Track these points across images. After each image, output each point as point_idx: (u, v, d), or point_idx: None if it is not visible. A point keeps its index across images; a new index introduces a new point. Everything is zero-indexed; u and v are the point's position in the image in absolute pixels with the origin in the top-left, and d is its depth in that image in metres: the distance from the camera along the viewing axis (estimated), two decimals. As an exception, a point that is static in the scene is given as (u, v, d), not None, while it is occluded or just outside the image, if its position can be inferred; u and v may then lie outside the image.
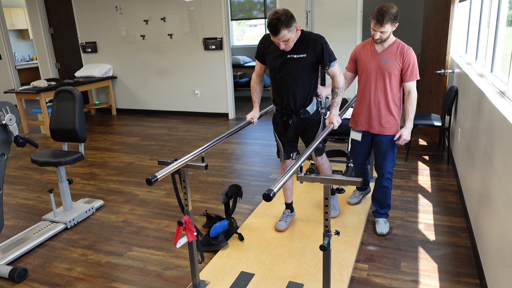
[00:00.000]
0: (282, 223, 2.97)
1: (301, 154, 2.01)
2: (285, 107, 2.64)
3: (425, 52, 5.09)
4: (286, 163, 2.89)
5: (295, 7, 5.81)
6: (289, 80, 2.53)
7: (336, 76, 2.54)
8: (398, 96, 2.70)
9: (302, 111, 2.62)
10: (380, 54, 2.65)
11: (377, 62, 2.65)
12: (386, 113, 2.72)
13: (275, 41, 2.36)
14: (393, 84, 2.65)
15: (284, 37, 2.30)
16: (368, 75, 2.71)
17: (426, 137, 5.10)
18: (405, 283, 2.36)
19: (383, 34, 2.52)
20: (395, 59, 2.60)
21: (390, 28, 2.51)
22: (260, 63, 2.68)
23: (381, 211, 2.95)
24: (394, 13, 2.48)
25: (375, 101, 2.72)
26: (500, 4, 2.76)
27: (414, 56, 2.61)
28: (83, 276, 2.59)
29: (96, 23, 7.25)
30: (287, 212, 3.04)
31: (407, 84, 2.63)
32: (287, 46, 2.39)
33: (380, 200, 2.93)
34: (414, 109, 2.64)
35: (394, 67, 2.61)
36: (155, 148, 5.26)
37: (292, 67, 2.49)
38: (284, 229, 2.95)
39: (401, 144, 2.70)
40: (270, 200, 1.57)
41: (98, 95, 7.88)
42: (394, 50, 2.61)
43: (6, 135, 2.55)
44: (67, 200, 3.32)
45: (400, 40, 2.66)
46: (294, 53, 2.47)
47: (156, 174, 1.87)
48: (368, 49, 2.72)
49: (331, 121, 2.59)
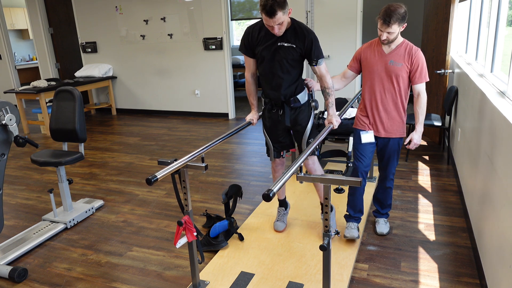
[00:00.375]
0: (280, 223, 2.94)
1: (299, 156, 1.98)
2: (274, 97, 2.56)
3: (425, 52, 5.08)
4: (276, 162, 2.82)
5: (295, 7, 5.82)
6: (279, 68, 2.46)
7: (324, 76, 2.48)
8: (406, 98, 2.63)
9: (292, 99, 2.54)
10: (387, 55, 2.55)
11: (384, 64, 2.55)
12: (394, 116, 2.63)
13: (269, 24, 2.26)
14: (402, 86, 2.57)
15: (279, 19, 2.21)
16: (375, 77, 2.61)
17: (426, 137, 5.10)
18: (405, 283, 2.35)
19: (390, 35, 2.43)
20: (403, 60, 2.51)
21: (398, 28, 2.41)
22: (249, 58, 2.59)
23: (382, 211, 2.92)
24: (402, 13, 2.37)
25: (383, 104, 2.62)
26: (500, 4, 2.76)
27: (423, 58, 2.53)
28: (83, 276, 2.59)
29: (96, 23, 7.25)
30: (281, 210, 2.99)
31: (416, 86, 2.55)
32: (280, 30, 2.31)
33: (382, 200, 2.89)
34: (424, 112, 2.58)
35: (402, 69, 2.52)
36: (155, 148, 5.26)
37: (282, 55, 2.43)
38: (283, 229, 2.92)
39: (411, 149, 2.63)
40: (270, 200, 1.57)
41: (98, 95, 7.88)
42: (402, 51, 2.52)
43: (6, 135, 2.55)
44: (67, 200, 3.32)
45: (408, 40, 2.57)
46: (284, 41, 2.40)
47: (156, 174, 1.87)
48: (374, 50, 2.61)
49: (330, 121, 2.54)
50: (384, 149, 2.73)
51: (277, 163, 2.84)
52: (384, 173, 2.81)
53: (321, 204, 2.83)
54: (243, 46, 2.56)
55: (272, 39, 2.42)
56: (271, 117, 2.65)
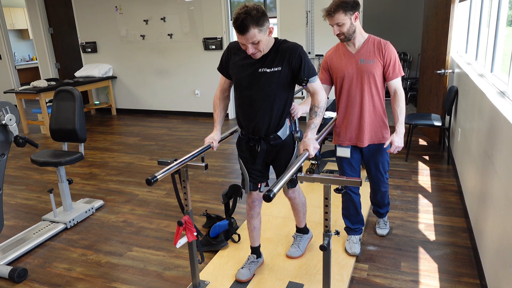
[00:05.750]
0: (245, 271, 2.42)
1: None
2: (252, 131, 2.15)
3: (425, 52, 5.09)
4: (252, 195, 2.34)
5: (295, 7, 5.82)
6: (260, 99, 2.05)
7: (317, 93, 2.07)
8: (383, 98, 2.39)
9: (272, 136, 2.14)
10: (355, 55, 2.31)
11: (354, 65, 2.30)
12: (376, 120, 2.39)
13: (242, 42, 1.89)
14: (378, 85, 2.32)
15: (253, 37, 1.84)
16: (347, 82, 2.34)
17: (426, 137, 5.10)
18: (405, 283, 2.35)
19: (342, 28, 2.21)
20: (374, 56, 2.27)
21: (347, 18, 2.17)
22: (225, 78, 2.21)
23: (381, 210, 2.84)
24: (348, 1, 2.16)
25: (361, 109, 2.35)
26: (500, 4, 2.76)
27: (394, 50, 2.30)
28: (83, 276, 2.59)
29: (96, 23, 7.25)
30: (252, 257, 2.49)
31: (392, 82, 2.30)
32: (257, 51, 1.92)
33: (379, 202, 2.80)
34: (403, 110, 2.30)
35: (375, 66, 2.27)
36: (155, 148, 5.26)
37: (264, 83, 2.01)
38: (247, 279, 2.41)
39: (393, 153, 2.34)
40: (270, 201, 1.57)
41: (98, 95, 7.88)
42: (371, 47, 2.29)
43: (6, 135, 2.55)
44: (67, 200, 3.32)
45: (374, 35, 2.36)
46: (267, 66, 2.00)
47: (156, 174, 1.87)
48: (340, 53, 2.36)
49: (306, 147, 1.99)
50: (371, 158, 2.50)
51: (254, 198, 2.35)
52: (376, 183, 2.63)
53: (293, 209, 2.55)
54: (221, 64, 2.18)
55: (250, 62, 2.03)
56: (248, 149, 2.25)
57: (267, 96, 2.04)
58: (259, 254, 2.52)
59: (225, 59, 2.15)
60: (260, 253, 2.53)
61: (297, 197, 2.45)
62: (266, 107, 2.07)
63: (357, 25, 2.27)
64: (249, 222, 2.43)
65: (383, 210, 2.88)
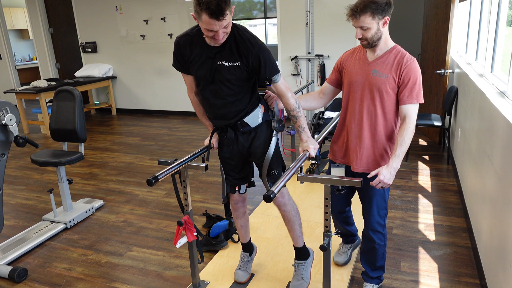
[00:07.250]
0: (242, 272, 2.38)
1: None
2: (220, 125, 2.06)
3: (425, 52, 5.09)
4: (233, 197, 2.25)
5: (295, 7, 5.82)
6: (221, 92, 1.92)
7: (284, 95, 1.91)
8: (391, 123, 1.98)
9: (239, 123, 2.01)
10: (370, 63, 1.94)
11: (365, 74, 1.95)
12: (377, 147, 2.00)
13: (212, 29, 1.69)
14: (386, 106, 1.94)
15: (227, 21, 1.69)
16: (353, 91, 2.00)
17: (426, 137, 5.10)
18: (405, 283, 2.36)
19: (366, 32, 1.83)
20: (390, 71, 1.89)
21: (374, 22, 1.81)
22: (187, 75, 2.02)
23: (372, 273, 2.22)
24: (377, 1, 1.78)
25: (361, 128, 2.00)
26: (500, 4, 2.76)
27: (418, 70, 1.88)
28: (83, 276, 2.59)
29: (96, 23, 7.25)
30: (245, 256, 2.43)
31: (404, 107, 1.88)
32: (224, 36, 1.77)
33: (369, 260, 2.21)
34: (405, 143, 1.85)
35: (386, 82, 1.89)
36: (155, 148, 5.26)
37: (223, 77, 1.88)
38: (245, 281, 2.38)
39: (376, 187, 1.89)
40: (270, 201, 1.57)
41: (98, 95, 7.89)
42: (391, 59, 1.90)
43: (6, 135, 2.55)
44: (67, 200, 3.33)
45: (401, 47, 1.96)
46: (225, 59, 1.85)
47: (156, 174, 1.87)
48: (357, 57, 2.02)
49: (306, 148, 1.97)
50: (363, 189, 2.08)
51: (236, 200, 2.26)
52: (366, 221, 2.15)
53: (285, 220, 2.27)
54: (176, 61, 2.00)
55: (208, 55, 1.88)
56: (226, 142, 2.12)
57: (229, 89, 1.92)
58: (251, 250, 2.48)
59: (180, 56, 1.97)
60: (252, 248, 2.49)
61: (287, 204, 2.18)
62: (230, 98, 1.94)
63: (385, 31, 1.88)
64: (235, 221, 2.42)
65: (374, 274, 2.23)
